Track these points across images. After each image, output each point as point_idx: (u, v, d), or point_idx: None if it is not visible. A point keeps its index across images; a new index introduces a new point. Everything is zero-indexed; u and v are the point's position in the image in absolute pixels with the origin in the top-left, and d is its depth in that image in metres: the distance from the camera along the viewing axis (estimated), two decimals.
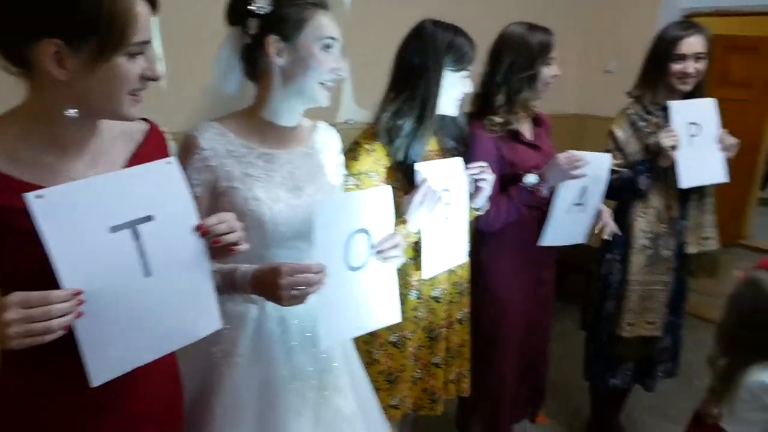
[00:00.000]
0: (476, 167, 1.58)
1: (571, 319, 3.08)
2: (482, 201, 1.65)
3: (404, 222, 1.43)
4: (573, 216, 1.82)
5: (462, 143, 1.70)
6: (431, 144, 1.62)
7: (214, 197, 1.18)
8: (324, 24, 1.18)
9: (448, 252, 1.59)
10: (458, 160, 1.57)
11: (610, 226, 1.91)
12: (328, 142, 1.36)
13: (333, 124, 1.43)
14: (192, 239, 0.94)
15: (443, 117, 1.61)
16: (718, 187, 2.09)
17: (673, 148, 1.89)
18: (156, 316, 0.92)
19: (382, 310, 1.30)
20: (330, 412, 1.25)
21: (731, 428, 1.48)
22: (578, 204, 1.81)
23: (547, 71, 1.77)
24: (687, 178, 1.94)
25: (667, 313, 2.13)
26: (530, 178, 1.73)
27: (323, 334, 1.17)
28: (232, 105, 1.24)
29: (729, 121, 5.96)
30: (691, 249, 2.08)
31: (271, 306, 1.21)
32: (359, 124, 1.64)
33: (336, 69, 1.21)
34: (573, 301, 3.22)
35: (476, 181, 1.59)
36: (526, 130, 1.88)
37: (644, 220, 2.02)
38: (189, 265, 0.95)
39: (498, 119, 1.76)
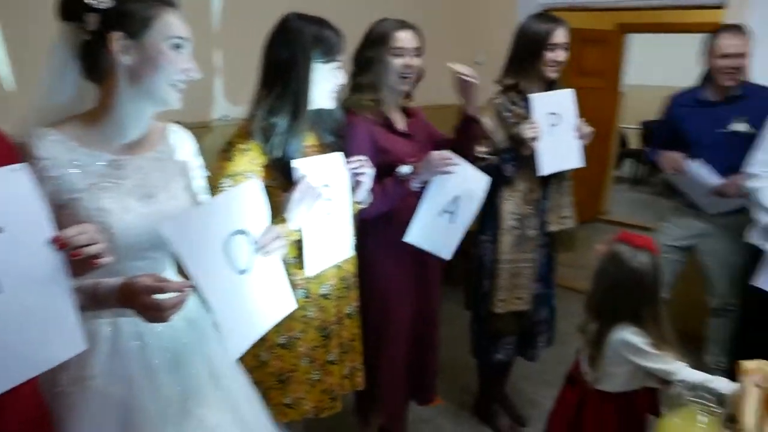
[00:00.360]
0: (356, 161, 1.59)
1: (457, 301, 3.20)
2: (363, 194, 1.67)
3: (284, 220, 1.40)
4: (442, 223, 1.86)
5: (341, 137, 1.70)
6: (309, 139, 1.60)
7: (55, 211, 1.08)
8: (172, 23, 1.14)
9: (331, 248, 1.58)
10: (338, 155, 1.57)
11: None
12: (181, 145, 1.30)
13: (207, 122, 1.36)
14: (47, 253, 0.87)
15: (320, 111, 1.60)
16: (580, 169, 2.26)
17: (534, 139, 2.01)
18: (7, 339, 0.83)
19: (278, 303, 1.28)
20: (193, 424, 1.21)
21: (602, 386, 1.63)
22: (449, 212, 1.87)
23: (397, 62, 1.81)
24: (547, 166, 2.08)
25: (541, 287, 2.30)
26: (403, 169, 1.78)
27: (231, 347, 1.14)
28: (69, 109, 1.15)
29: (586, 107, 6.45)
30: (552, 227, 2.25)
31: (126, 322, 1.15)
32: (235, 120, 1.58)
33: (187, 69, 1.16)
34: (459, 283, 3.35)
35: (356, 174, 1.60)
36: (398, 120, 1.93)
37: (511, 203, 2.15)
38: (44, 281, 0.87)
39: (366, 101, 1.82)
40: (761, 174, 2.23)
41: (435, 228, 1.86)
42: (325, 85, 1.53)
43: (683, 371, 1.50)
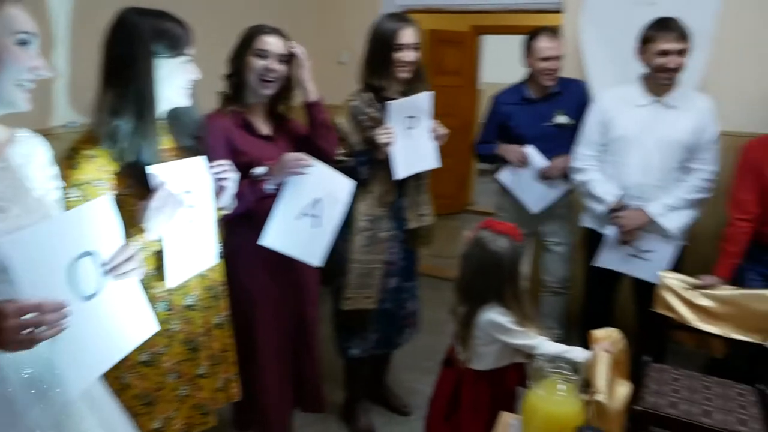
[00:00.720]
0: (218, 165, 1.53)
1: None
2: (228, 200, 1.61)
3: (142, 231, 1.31)
4: (304, 227, 1.83)
5: (200, 139, 1.62)
6: (165, 142, 1.51)
7: None
8: (17, 16, 1.03)
9: (194, 257, 1.50)
10: (199, 159, 1.49)
11: None
12: (32, 153, 1.17)
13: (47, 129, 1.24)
14: None
15: (177, 111, 1.51)
16: (446, 163, 2.37)
17: (388, 145, 2.05)
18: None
19: (135, 326, 1.20)
20: None
21: (474, 365, 1.73)
22: (311, 216, 1.84)
23: (258, 63, 1.81)
24: (402, 170, 2.11)
25: (402, 281, 2.33)
26: (257, 170, 1.76)
27: (72, 383, 1.03)
28: None
29: (447, 104, 6.76)
30: (411, 225, 2.29)
31: None
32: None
33: (35, 68, 1.06)
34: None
35: (219, 179, 1.54)
36: (262, 124, 1.91)
37: (364, 204, 2.15)
38: None
39: (224, 101, 1.82)
40: (586, 167, 2.49)
41: (295, 232, 1.82)
42: (175, 81, 1.44)
43: (544, 345, 1.63)
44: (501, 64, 7.79)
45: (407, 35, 2.08)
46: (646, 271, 2.40)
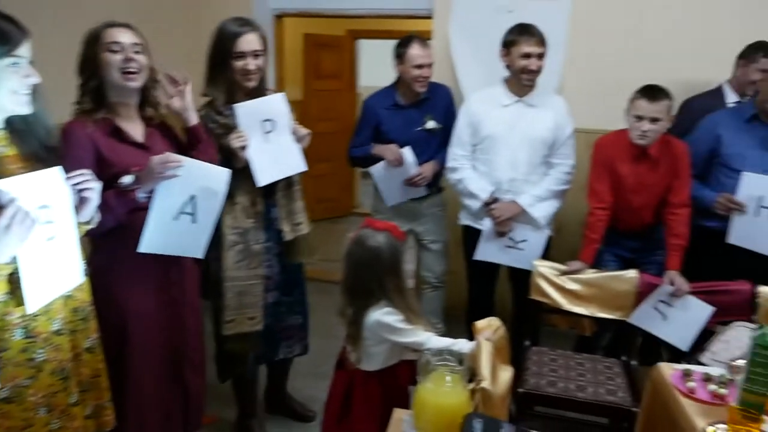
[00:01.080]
0: (79, 176, 1.40)
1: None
2: (91, 213, 1.47)
3: None
4: (183, 226, 1.75)
5: (53, 148, 1.46)
6: (9, 151, 1.35)
7: None
8: None
9: (56, 277, 1.36)
10: (55, 170, 1.35)
11: None
12: None
13: None
14: None
15: (25, 119, 1.36)
16: (331, 167, 2.34)
17: (243, 149, 1.96)
18: None
19: None
20: None
21: (364, 366, 1.74)
22: (188, 214, 1.75)
23: (114, 58, 1.67)
24: (264, 176, 2.01)
25: (282, 296, 2.25)
26: (125, 179, 1.64)
27: None
28: None
29: (327, 108, 6.76)
30: (288, 236, 2.18)
31: None
32: None
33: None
34: None
35: (81, 191, 1.41)
36: (136, 130, 1.77)
37: (230, 217, 2.03)
38: None
39: (86, 106, 1.67)
40: (459, 167, 2.62)
41: (174, 232, 1.73)
42: (6, 84, 1.29)
43: (432, 340, 1.67)
44: (378, 67, 7.98)
45: (247, 42, 1.98)
46: (521, 261, 2.56)
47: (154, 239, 1.70)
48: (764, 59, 2.56)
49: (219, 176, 1.78)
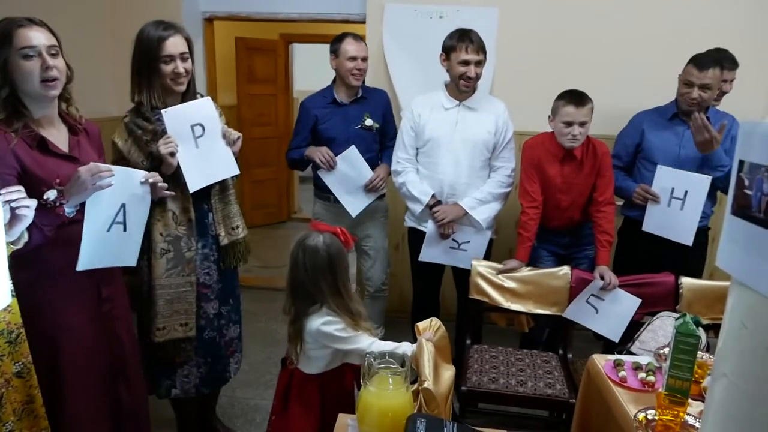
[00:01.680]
0: (13, 192, 1.30)
1: None
2: (20, 231, 1.38)
3: None
4: (115, 236, 1.69)
5: None
6: None
7: None
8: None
9: None
10: None
11: None
12: None
13: None
14: None
15: None
16: (268, 173, 2.29)
17: (172, 155, 1.90)
18: None
19: None
20: None
21: (304, 368, 1.73)
22: (120, 223, 1.69)
23: (29, 65, 1.54)
24: (195, 182, 1.96)
25: (220, 305, 2.17)
26: (49, 194, 1.53)
27: None
28: None
29: (262, 113, 6.67)
30: (225, 241, 2.12)
31: None
32: None
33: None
34: None
35: (14, 209, 1.31)
36: (60, 138, 1.67)
37: (161, 224, 1.98)
38: None
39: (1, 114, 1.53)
40: (402, 170, 2.65)
41: (108, 244, 1.67)
42: None
43: (375, 345, 1.68)
44: (313, 72, 7.96)
45: (174, 45, 1.92)
46: (464, 261, 2.60)
47: (90, 255, 1.63)
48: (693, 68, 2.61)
49: (137, 178, 1.72)
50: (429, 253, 2.65)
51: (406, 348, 1.66)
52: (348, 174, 2.76)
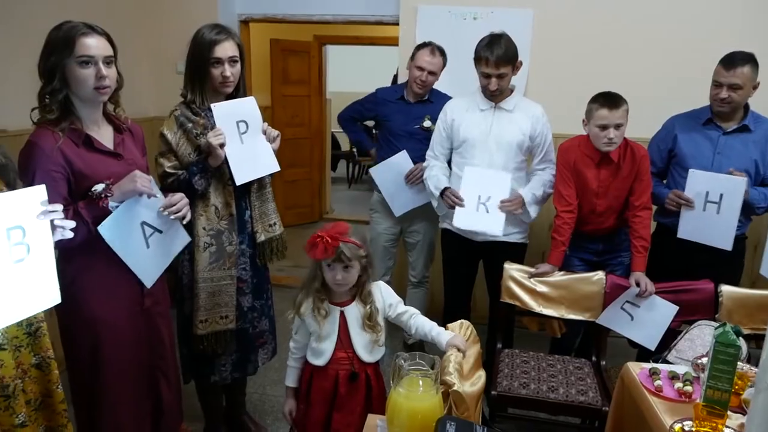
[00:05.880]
0: (54, 211, 1.32)
1: None
2: (59, 237, 1.41)
3: None
4: (157, 242, 1.78)
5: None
6: None
7: None
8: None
9: (25, 298, 1.28)
10: (36, 191, 1.28)
11: None
12: None
13: None
14: None
15: None
16: (301, 173, 2.33)
17: (222, 146, 1.95)
18: None
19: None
20: None
21: (365, 352, 1.78)
22: (153, 231, 1.77)
23: (85, 72, 1.60)
24: (241, 176, 2.03)
25: (254, 299, 2.22)
26: (97, 187, 1.60)
27: None
28: None
29: (295, 114, 6.71)
30: (261, 237, 2.19)
31: None
32: None
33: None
34: None
35: (54, 222, 1.34)
36: (105, 136, 1.73)
37: (204, 218, 2.04)
38: None
39: (51, 115, 1.59)
40: (428, 165, 2.69)
41: (149, 256, 1.75)
42: None
43: (418, 317, 1.81)
44: (346, 73, 8.00)
45: (224, 49, 1.98)
46: (491, 226, 2.50)
47: (148, 272, 1.77)
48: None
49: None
50: (461, 218, 2.53)
51: (441, 332, 1.72)
52: (396, 176, 2.91)
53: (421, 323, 1.78)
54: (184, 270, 2.08)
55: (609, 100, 2.31)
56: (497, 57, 2.37)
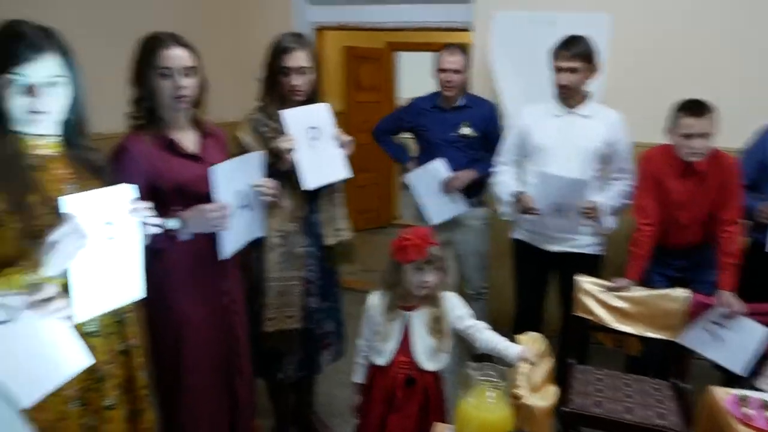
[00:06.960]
0: (145, 210, 1.38)
1: None
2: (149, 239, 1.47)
3: (37, 265, 1.16)
4: (244, 215, 1.84)
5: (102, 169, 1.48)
6: (59, 166, 1.36)
7: None
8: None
9: (111, 291, 1.35)
10: (125, 188, 1.34)
11: None
12: None
13: None
14: None
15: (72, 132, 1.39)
16: (371, 179, 2.35)
17: (290, 151, 1.99)
18: None
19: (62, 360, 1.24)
20: None
21: (427, 359, 1.78)
22: (245, 206, 1.84)
23: (165, 84, 1.68)
24: (311, 181, 2.06)
25: (321, 301, 2.25)
26: (169, 223, 1.61)
27: None
28: None
29: (366, 120, 6.78)
30: (329, 241, 2.22)
31: None
32: None
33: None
34: None
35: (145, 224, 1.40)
36: (189, 140, 1.81)
37: (276, 220, 2.09)
38: None
39: (140, 121, 1.70)
40: (497, 171, 2.64)
41: (240, 224, 1.83)
42: (6, 102, 1.24)
43: (487, 332, 1.78)
44: (417, 79, 8.00)
45: (295, 59, 2.04)
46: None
47: (231, 240, 1.80)
48: None
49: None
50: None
51: (509, 346, 1.68)
52: (432, 183, 2.89)
53: (488, 338, 1.75)
54: (254, 268, 2.14)
55: (694, 107, 2.18)
56: (570, 49, 2.34)
